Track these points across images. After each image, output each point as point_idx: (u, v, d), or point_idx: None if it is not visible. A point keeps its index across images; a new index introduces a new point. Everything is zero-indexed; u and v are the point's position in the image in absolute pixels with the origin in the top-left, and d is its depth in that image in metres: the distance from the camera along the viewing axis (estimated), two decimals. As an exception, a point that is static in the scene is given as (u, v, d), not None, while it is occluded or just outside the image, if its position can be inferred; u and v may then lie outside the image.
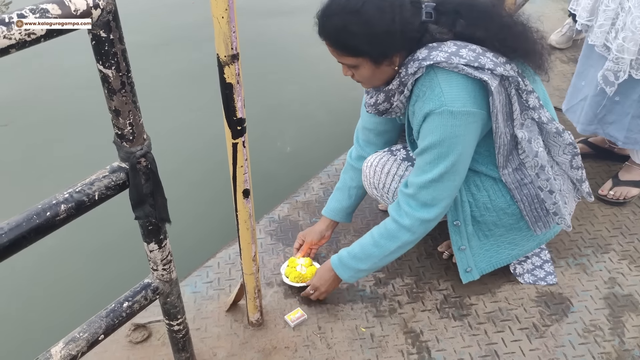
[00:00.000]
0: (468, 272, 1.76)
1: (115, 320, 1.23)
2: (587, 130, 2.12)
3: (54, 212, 0.99)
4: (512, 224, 1.68)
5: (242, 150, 1.28)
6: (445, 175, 1.47)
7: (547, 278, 1.82)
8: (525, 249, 1.76)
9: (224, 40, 1.10)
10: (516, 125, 1.49)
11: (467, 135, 1.43)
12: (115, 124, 1.04)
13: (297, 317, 1.72)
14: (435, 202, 1.51)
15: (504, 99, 1.44)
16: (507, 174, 1.58)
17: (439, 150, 1.44)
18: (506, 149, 1.53)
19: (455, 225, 1.69)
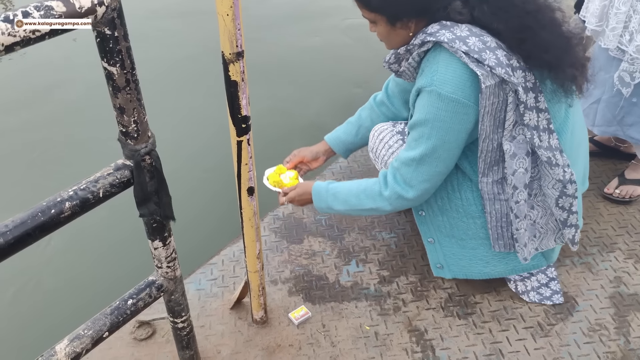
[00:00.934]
0: (439, 268, 1.75)
1: (120, 317, 1.23)
2: (607, 132, 2.11)
3: (58, 209, 0.99)
4: (482, 237, 1.62)
5: (247, 148, 1.28)
6: (426, 157, 1.46)
7: (553, 297, 1.75)
8: (498, 270, 1.69)
9: (228, 38, 1.10)
10: (505, 136, 1.43)
11: (453, 124, 1.40)
12: (120, 121, 1.04)
13: (301, 315, 1.72)
14: (413, 182, 1.50)
15: (499, 103, 1.39)
16: (485, 183, 1.53)
17: (422, 130, 1.44)
18: (490, 156, 1.48)
19: (420, 215, 1.70)
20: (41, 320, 2.21)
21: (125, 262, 2.39)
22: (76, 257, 2.47)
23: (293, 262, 1.92)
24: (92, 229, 2.50)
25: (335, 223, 2.08)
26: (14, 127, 3.33)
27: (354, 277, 1.86)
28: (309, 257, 1.94)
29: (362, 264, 1.91)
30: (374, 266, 1.90)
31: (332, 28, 4.37)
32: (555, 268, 1.83)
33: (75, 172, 2.82)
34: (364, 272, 1.89)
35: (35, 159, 3.06)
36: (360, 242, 2.00)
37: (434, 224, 1.68)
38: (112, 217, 2.43)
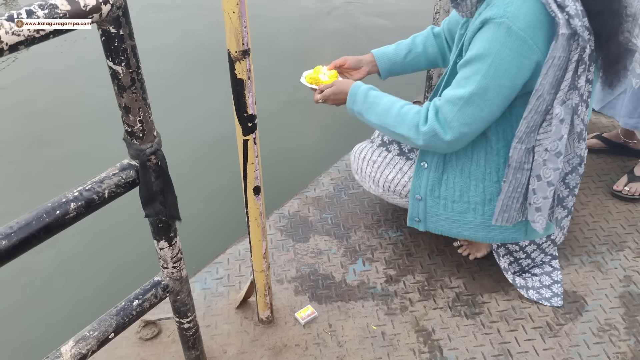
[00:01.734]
0: (416, 221, 1.74)
1: (126, 318, 1.22)
2: (629, 124, 2.09)
3: (63, 210, 0.97)
4: (477, 202, 1.60)
5: (253, 147, 1.27)
6: (475, 97, 1.38)
7: (552, 299, 1.73)
8: (478, 236, 1.66)
9: (235, 36, 1.08)
10: (558, 99, 1.36)
11: (512, 66, 1.33)
12: (125, 121, 1.03)
13: (307, 315, 1.71)
14: (454, 123, 1.43)
15: (563, 60, 1.32)
16: (519, 150, 1.44)
17: (479, 66, 1.36)
18: (535, 119, 1.39)
19: (421, 166, 1.66)
20: (46, 322, 2.21)
21: (131, 262, 2.38)
22: (82, 258, 2.47)
23: (299, 261, 1.91)
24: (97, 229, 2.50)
25: (341, 221, 2.06)
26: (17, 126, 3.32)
27: (360, 276, 1.85)
28: (315, 256, 1.93)
29: (368, 263, 1.90)
30: (381, 265, 1.89)
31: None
32: (561, 271, 1.81)
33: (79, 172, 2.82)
34: (370, 271, 1.87)
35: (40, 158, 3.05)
36: (367, 241, 1.98)
37: (431, 180, 1.65)
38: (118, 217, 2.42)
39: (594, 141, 2.36)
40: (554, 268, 1.82)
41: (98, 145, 3.07)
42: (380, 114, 1.58)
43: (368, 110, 1.61)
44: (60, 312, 2.22)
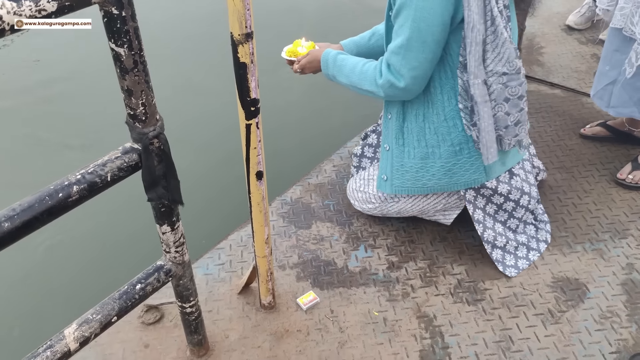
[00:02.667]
0: (383, 179, 1.81)
1: (128, 302, 1.22)
2: (623, 114, 2.07)
3: (66, 193, 0.97)
4: (433, 145, 1.68)
5: (256, 132, 1.26)
6: (412, 42, 1.49)
7: (507, 270, 1.80)
8: (442, 183, 1.72)
9: (238, 19, 1.07)
10: (500, 24, 1.46)
11: (435, 4, 1.43)
12: (128, 104, 1.02)
13: (309, 300, 1.71)
14: (403, 70, 1.55)
15: None
16: (477, 85, 1.52)
17: (406, 13, 1.47)
18: (478, 51, 1.48)
19: (387, 118, 1.77)
20: (50, 305, 2.22)
21: (134, 246, 2.39)
22: (85, 242, 2.47)
23: (301, 247, 1.91)
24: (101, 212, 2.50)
25: (343, 208, 2.06)
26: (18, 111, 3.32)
27: (362, 263, 1.85)
28: (317, 242, 1.93)
29: (370, 250, 1.90)
30: (383, 252, 1.89)
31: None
32: (540, 253, 1.85)
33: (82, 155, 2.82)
34: (372, 257, 1.87)
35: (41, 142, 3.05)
36: (369, 228, 1.98)
37: (395, 128, 1.74)
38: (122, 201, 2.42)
39: (598, 129, 2.35)
40: (537, 249, 1.86)
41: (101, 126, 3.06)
42: (347, 74, 1.72)
43: (338, 72, 1.74)
44: (64, 295, 2.23)
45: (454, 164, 1.68)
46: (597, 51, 2.96)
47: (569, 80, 2.74)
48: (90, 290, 2.18)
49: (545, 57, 2.94)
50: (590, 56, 2.93)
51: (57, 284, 2.30)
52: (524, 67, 2.80)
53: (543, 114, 2.52)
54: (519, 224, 1.85)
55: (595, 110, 2.51)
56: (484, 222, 1.81)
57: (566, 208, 2.03)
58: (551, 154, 2.29)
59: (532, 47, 3.03)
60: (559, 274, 1.79)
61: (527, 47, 3.00)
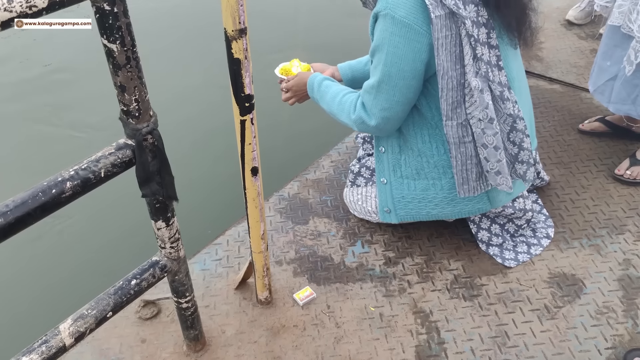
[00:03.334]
0: (386, 212, 1.80)
1: (124, 297, 1.23)
2: (621, 111, 2.07)
3: (59, 189, 0.97)
4: (434, 178, 1.66)
5: (251, 128, 1.26)
6: (383, 84, 1.50)
7: (507, 261, 1.81)
8: (445, 212, 1.72)
9: (231, 14, 1.07)
10: (470, 72, 1.44)
11: (406, 52, 1.43)
12: (121, 100, 1.02)
13: (306, 296, 1.72)
14: (373, 110, 1.57)
15: (453, 37, 1.41)
16: (451, 127, 1.52)
17: (379, 56, 1.48)
18: (451, 96, 1.47)
19: (380, 152, 1.75)
20: (45, 300, 2.22)
21: (129, 242, 2.39)
22: (80, 237, 2.48)
23: (298, 243, 1.92)
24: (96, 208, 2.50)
25: (340, 204, 2.06)
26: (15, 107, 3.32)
27: (359, 259, 1.86)
28: (314, 238, 1.93)
29: (367, 245, 1.90)
30: (380, 247, 1.89)
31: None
32: (542, 249, 1.84)
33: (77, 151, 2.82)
34: (369, 253, 1.87)
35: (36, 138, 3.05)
36: (366, 223, 1.98)
37: (391, 162, 1.73)
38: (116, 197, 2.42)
39: (596, 124, 2.34)
40: (535, 244, 1.85)
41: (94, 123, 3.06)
42: (328, 102, 1.72)
43: (321, 98, 1.75)
44: (59, 291, 2.24)
45: (455, 195, 1.66)
46: (596, 46, 2.95)
47: (568, 76, 2.73)
48: (86, 285, 2.18)
49: (544, 52, 2.93)
50: (590, 51, 2.92)
51: (53, 280, 2.30)
52: (524, 61, 2.81)
53: (542, 109, 2.51)
54: (517, 228, 1.85)
55: (594, 106, 2.51)
56: (478, 224, 1.82)
57: (564, 204, 2.03)
58: (549, 149, 2.28)
59: (531, 42, 3.02)
60: (555, 269, 1.79)
61: (527, 42, 2.99)
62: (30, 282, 2.31)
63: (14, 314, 2.18)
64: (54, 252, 2.41)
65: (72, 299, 2.05)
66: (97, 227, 2.51)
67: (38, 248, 2.41)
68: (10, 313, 2.18)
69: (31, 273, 2.35)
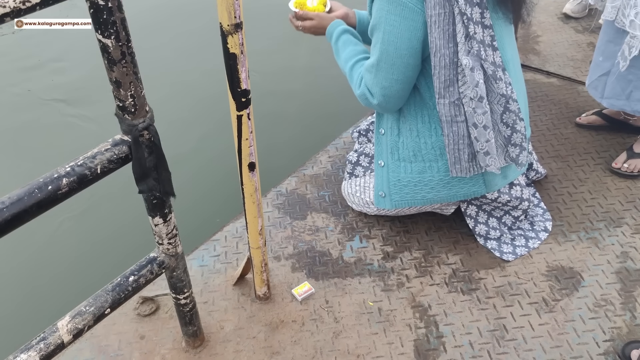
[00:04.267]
0: (381, 196, 1.79)
1: (122, 294, 1.22)
2: (615, 106, 2.07)
3: (55, 186, 0.97)
4: (431, 160, 1.66)
5: (247, 123, 1.26)
6: (382, 63, 1.51)
7: (505, 254, 1.82)
8: (441, 195, 1.71)
9: (227, 8, 1.07)
10: (461, 51, 1.46)
11: (402, 30, 1.46)
12: (117, 95, 1.02)
13: (304, 291, 1.72)
14: (374, 88, 1.58)
15: (446, 15, 1.42)
16: (443, 105, 1.53)
17: (377, 35, 1.51)
18: (444, 74, 1.49)
19: (380, 134, 1.76)
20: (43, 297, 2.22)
21: (127, 238, 2.39)
22: (78, 233, 2.47)
23: (296, 238, 1.91)
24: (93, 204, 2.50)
25: (339, 199, 2.06)
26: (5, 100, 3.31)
27: (357, 253, 1.85)
28: (312, 233, 1.93)
29: (365, 240, 1.90)
30: (378, 242, 1.89)
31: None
32: (539, 243, 1.85)
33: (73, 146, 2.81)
34: (367, 248, 1.87)
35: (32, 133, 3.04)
36: (364, 218, 1.98)
37: (389, 144, 1.73)
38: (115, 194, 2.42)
39: (593, 117, 2.34)
40: (533, 237, 1.86)
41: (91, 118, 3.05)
42: (342, 63, 1.74)
43: (336, 53, 1.76)
44: (57, 288, 2.23)
45: (453, 177, 1.66)
46: (593, 40, 2.95)
47: (565, 69, 2.73)
48: (84, 282, 2.18)
49: (541, 45, 2.93)
50: (587, 45, 2.92)
51: (50, 276, 2.30)
52: (521, 55, 2.81)
53: (539, 103, 2.51)
54: (514, 221, 1.86)
55: (591, 99, 2.50)
56: (475, 218, 1.82)
57: (561, 197, 2.03)
58: (546, 142, 2.28)
59: (528, 35, 3.01)
60: (553, 262, 1.79)
61: (523, 36, 2.99)
62: (27, 278, 2.30)
63: (11, 310, 2.18)
64: (51, 248, 2.41)
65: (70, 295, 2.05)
66: (94, 222, 2.51)
67: (34, 244, 2.40)
68: (8, 310, 2.18)
69: (28, 269, 2.34)
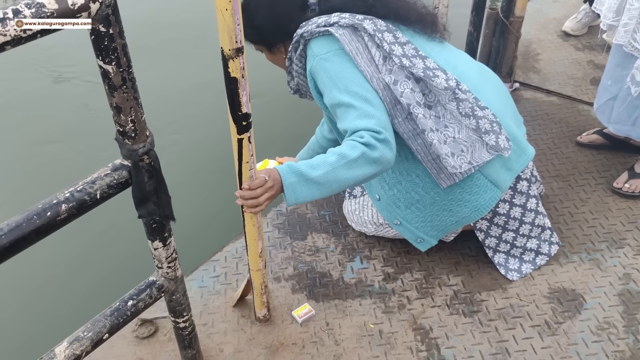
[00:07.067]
0: (420, 242, 1.79)
1: (120, 319, 1.21)
2: (621, 131, 2.07)
3: (54, 212, 0.96)
4: (432, 187, 1.67)
5: (248, 146, 1.25)
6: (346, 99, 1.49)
7: (509, 273, 1.82)
8: (464, 214, 1.69)
9: (228, 33, 1.07)
10: (382, 71, 1.53)
11: (345, 65, 1.52)
12: (117, 120, 1.02)
13: (304, 313, 1.70)
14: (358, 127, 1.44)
15: (362, 48, 1.54)
16: (398, 124, 1.55)
17: (331, 88, 1.52)
18: (386, 95, 1.53)
19: (377, 201, 1.79)
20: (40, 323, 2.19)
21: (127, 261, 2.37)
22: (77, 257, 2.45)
23: (296, 259, 1.90)
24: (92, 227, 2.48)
25: (339, 219, 2.05)
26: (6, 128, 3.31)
27: (358, 274, 1.84)
28: (312, 254, 1.92)
29: (366, 261, 1.89)
30: (379, 263, 1.88)
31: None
32: (547, 259, 1.84)
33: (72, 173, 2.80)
34: (368, 269, 1.86)
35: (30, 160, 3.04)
36: (365, 238, 1.97)
37: (391, 203, 1.75)
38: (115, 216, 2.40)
39: (594, 137, 2.34)
40: (539, 253, 1.85)
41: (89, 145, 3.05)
42: (324, 160, 1.41)
43: (312, 168, 1.40)
44: (55, 313, 2.21)
45: (462, 192, 1.66)
46: (593, 57, 2.96)
47: (565, 87, 2.73)
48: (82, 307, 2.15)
49: (541, 63, 2.94)
50: (587, 62, 2.93)
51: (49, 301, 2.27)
52: (521, 73, 2.82)
53: (539, 122, 2.51)
54: (531, 228, 1.81)
55: (592, 118, 2.51)
56: (487, 231, 1.80)
57: (563, 217, 2.02)
58: (547, 162, 2.28)
59: (528, 53, 3.03)
60: (555, 284, 1.78)
61: (524, 54, 3.00)
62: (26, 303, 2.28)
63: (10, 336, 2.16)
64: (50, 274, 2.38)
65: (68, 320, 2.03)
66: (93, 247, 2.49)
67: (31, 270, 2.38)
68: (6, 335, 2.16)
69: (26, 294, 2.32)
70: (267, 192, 1.35)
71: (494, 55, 2.69)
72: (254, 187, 1.33)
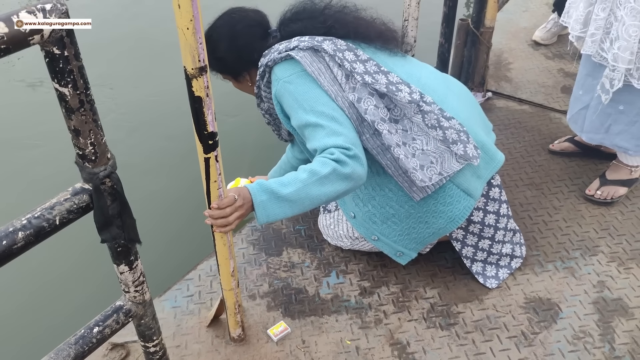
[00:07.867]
0: (399, 256, 1.78)
1: (85, 346, 1.17)
2: (594, 140, 2.08)
3: (10, 240, 0.92)
4: (405, 200, 1.66)
5: (215, 165, 1.23)
6: (314, 118, 1.50)
7: (488, 281, 1.82)
8: (439, 225, 1.67)
9: (190, 53, 1.05)
10: (346, 90, 1.54)
11: (309, 86, 1.53)
12: (76, 144, 0.98)
13: (280, 331, 1.67)
14: (327, 145, 1.44)
15: (324, 68, 1.56)
16: (366, 140, 1.56)
17: (297, 109, 1.52)
18: (352, 113, 1.54)
19: (353, 218, 1.78)
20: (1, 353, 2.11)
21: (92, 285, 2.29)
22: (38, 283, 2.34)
23: (272, 275, 1.88)
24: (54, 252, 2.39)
25: (315, 233, 2.03)
26: None
27: (334, 290, 1.82)
28: (288, 270, 1.90)
29: (342, 275, 1.87)
30: (355, 277, 1.86)
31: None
32: (521, 264, 1.86)
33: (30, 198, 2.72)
34: (344, 283, 1.84)
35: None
36: (341, 252, 1.95)
37: (367, 219, 1.74)
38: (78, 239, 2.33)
39: (566, 144, 2.36)
40: (513, 256, 1.85)
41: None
42: (296, 177, 1.40)
43: (283, 186, 1.38)
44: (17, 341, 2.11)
45: (435, 203, 1.65)
46: (563, 66, 3.00)
47: (536, 96, 2.76)
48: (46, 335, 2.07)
49: (513, 72, 2.97)
50: (557, 71, 2.97)
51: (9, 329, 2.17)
52: (493, 82, 2.84)
53: (512, 130, 2.53)
54: (505, 233, 1.82)
55: (563, 125, 2.53)
56: (463, 241, 1.80)
57: (537, 226, 2.03)
58: (520, 170, 2.29)
59: (500, 63, 3.06)
60: (531, 294, 1.78)
61: (495, 63, 3.03)
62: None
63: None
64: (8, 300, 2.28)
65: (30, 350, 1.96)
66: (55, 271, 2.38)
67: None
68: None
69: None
70: (236, 212, 1.33)
71: (466, 65, 2.71)
72: (223, 207, 1.31)
